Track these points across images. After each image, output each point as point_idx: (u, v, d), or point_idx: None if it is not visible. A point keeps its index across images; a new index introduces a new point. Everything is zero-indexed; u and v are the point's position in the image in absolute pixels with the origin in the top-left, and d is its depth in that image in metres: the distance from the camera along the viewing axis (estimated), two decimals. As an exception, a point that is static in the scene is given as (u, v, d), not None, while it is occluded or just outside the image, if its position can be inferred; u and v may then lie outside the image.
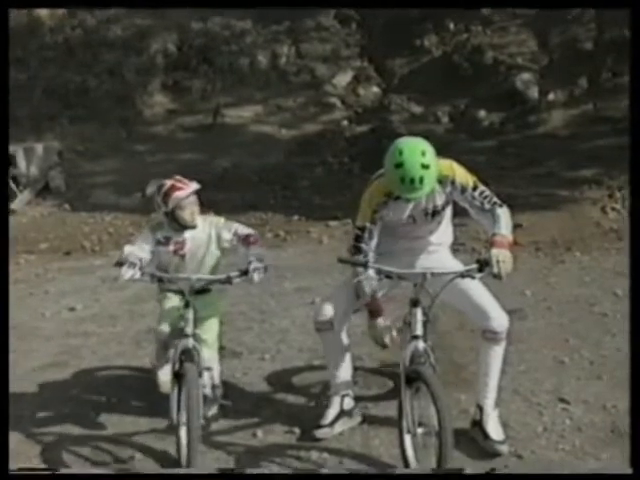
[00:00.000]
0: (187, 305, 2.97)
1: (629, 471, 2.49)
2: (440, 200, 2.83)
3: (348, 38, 10.33)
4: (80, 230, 7.84)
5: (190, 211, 3.09)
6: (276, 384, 3.67)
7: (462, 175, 2.80)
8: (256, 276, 2.94)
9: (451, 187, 2.79)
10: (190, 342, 2.93)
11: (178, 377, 2.89)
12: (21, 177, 8.87)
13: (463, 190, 2.79)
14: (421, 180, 2.59)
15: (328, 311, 2.99)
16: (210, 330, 3.21)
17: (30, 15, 10.67)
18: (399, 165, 2.60)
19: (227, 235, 3.14)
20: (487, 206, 2.80)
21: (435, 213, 2.87)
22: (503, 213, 2.81)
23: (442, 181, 2.77)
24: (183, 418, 2.84)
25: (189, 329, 2.95)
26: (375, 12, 10.09)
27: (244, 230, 3.16)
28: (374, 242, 2.86)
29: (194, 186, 3.08)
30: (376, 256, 2.89)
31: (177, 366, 2.90)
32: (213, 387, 3.15)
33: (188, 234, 3.13)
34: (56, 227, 8.02)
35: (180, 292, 3.04)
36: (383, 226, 2.88)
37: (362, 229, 2.84)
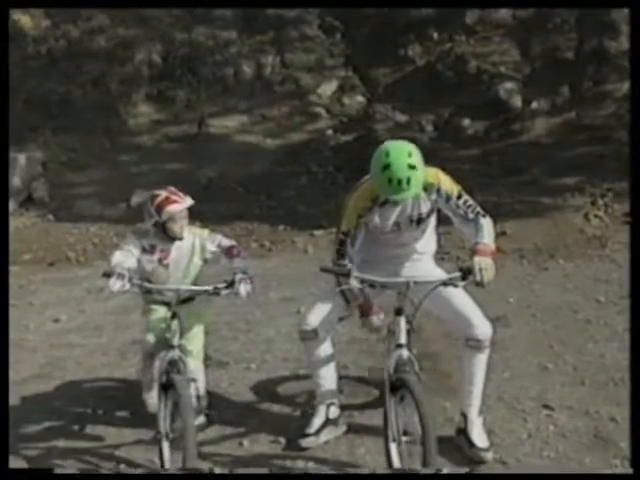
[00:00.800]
0: (173, 316, 2.97)
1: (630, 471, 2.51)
2: (425, 207, 2.84)
3: (332, 48, 10.39)
4: (64, 241, 7.78)
5: (181, 225, 3.11)
6: (262, 394, 3.67)
7: (447, 183, 2.82)
8: (242, 288, 2.95)
9: (436, 195, 2.81)
10: (176, 353, 2.93)
11: (165, 388, 2.88)
12: (4, 188, 8.78)
13: (448, 198, 2.81)
14: (408, 181, 2.60)
15: (312, 320, 2.98)
16: (195, 340, 3.21)
17: (13, 25, 10.59)
18: (386, 167, 2.61)
19: (211, 247, 3.16)
20: (471, 215, 2.82)
21: (420, 221, 2.88)
22: (486, 223, 2.83)
23: (427, 189, 2.78)
24: (168, 429, 2.83)
25: (175, 340, 2.95)
26: (359, 22, 10.18)
27: (227, 242, 3.18)
28: (357, 248, 2.87)
29: (189, 202, 3.09)
30: (360, 263, 2.90)
31: (164, 378, 2.89)
32: (198, 398, 3.14)
33: (173, 245, 3.16)
34: (40, 238, 7.95)
35: (166, 303, 3.04)
36: (367, 233, 2.89)
37: (346, 234, 2.85)
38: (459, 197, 2.81)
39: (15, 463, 3.09)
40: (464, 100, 9.06)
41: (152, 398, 3.15)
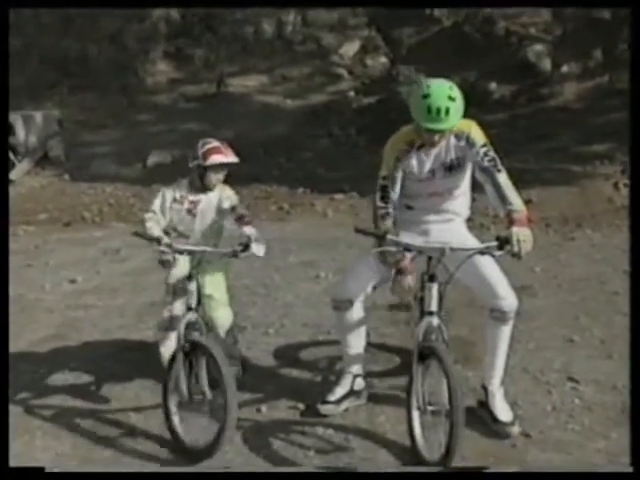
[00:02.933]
0: (190, 278, 2.95)
1: (630, 469, 2.43)
2: (456, 154, 2.82)
3: (355, 6, 10.09)
4: (80, 201, 7.76)
5: (217, 177, 3.19)
6: (280, 359, 3.63)
7: (477, 133, 2.80)
8: (257, 248, 2.93)
9: (465, 142, 2.79)
10: (195, 315, 2.92)
11: (187, 352, 2.84)
12: (20, 146, 8.75)
13: (472, 145, 2.78)
14: (447, 111, 2.61)
15: (347, 289, 2.94)
16: (219, 287, 3.26)
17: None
18: (427, 96, 2.63)
19: (226, 204, 3.19)
20: (486, 163, 2.76)
21: (452, 167, 2.84)
22: (505, 181, 2.74)
23: (459, 135, 2.77)
24: (185, 396, 2.81)
25: (193, 302, 2.93)
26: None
27: (241, 210, 3.20)
28: (397, 193, 2.84)
29: (234, 158, 3.17)
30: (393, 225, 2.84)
31: (183, 341, 2.85)
32: (235, 344, 3.29)
33: (204, 195, 3.21)
34: (55, 198, 7.94)
35: (190, 253, 3.02)
36: (404, 180, 2.85)
37: (386, 177, 2.83)
38: (483, 145, 2.77)
39: (30, 424, 3.08)
40: (491, 63, 8.79)
41: (167, 348, 3.16)
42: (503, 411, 2.86)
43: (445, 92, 2.64)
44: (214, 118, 8.95)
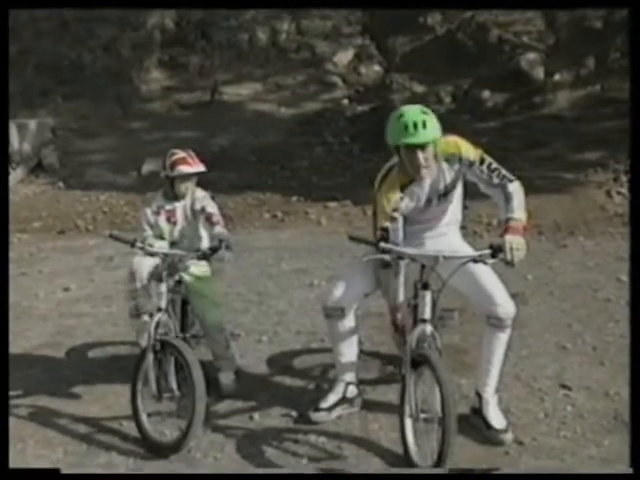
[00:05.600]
0: (161, 279, 3.02)
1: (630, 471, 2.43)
2: (450, 178, 2.80)
3: (349, 15, 10.14)
4: (74, 209, 7.75)
5: (186, 186, 3.30)
6: (273, 366, 3.62)
7: (468, 150, 2.77)
8: (224, 253, 3.01)
9: (459, 164, 2.77)
10: (165, 316, 2.99)
11: (157, 352, 2.90)
12: (14, 154, 8.74)
13: (471, 165, 2.76)
14: (424, 124, 2.62)
15: (338, 297, 2.93)
16: (209, 287, 3.31)
17: (24, -12, 10.39)
18: (401, 115, 2.65)
19: (197, 206, 3.29)
20: (496, 180, 2.75)
21: (447, 193, 2.84)
22: (515, 191, 2.73)
23: (449, 159, 2.76)
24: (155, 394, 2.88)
25: (163, 303, 3.00)
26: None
27: (210, 209, 3.27)
28: (401, 234, 2.82)
29: (200, 168, 3.28)
30: None
31: (153, 341, 2.91)
32: (227, 348, 3.33)
33: (178, 203, 3.34)
34: (50, 205, 7.92)
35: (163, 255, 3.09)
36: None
37: (385, 230, 2.77)
38: (482, 162, 2.75)
39: (24, 431, 3.07)
40: (484, 71, 8.83)
41: (139, 325, 3.31)
42: (496, 418, 2.86)
43: (418, 109, 2.69)
44: (208, 126, 8.96)
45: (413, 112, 2.65)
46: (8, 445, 2.64)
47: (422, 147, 2.65)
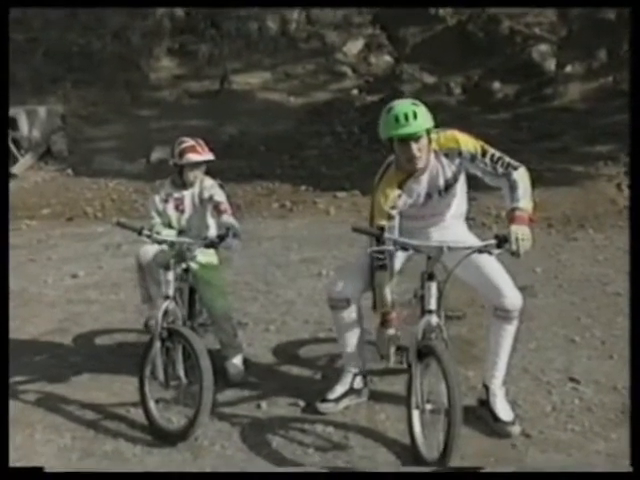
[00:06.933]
0: (168, 267, 3.01)
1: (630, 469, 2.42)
2: (450, 173, 2.77)
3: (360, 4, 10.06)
4: (83, 196, 7.77)
5: (195, 174, 3.30)
6: (281, 356, 3.63)
7: (467, 143, 2.72)
8: (232, 242, 3.01)
9: (459, 158, 2.73)
10: (172, 304, 2.98)
11: (169, 336, 2.91)
12: (23, 140, 8.75)
13: (473, 158, 2.71)
14: (415, 114, 2.60)
15: (344, 288, 2.91)
16: (220, 276, 3.36)
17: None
18: (391, 109, 2.64)
19: (206, 194, 3.28)
20: (500, 170, 2.70)
21: (448, 187, 2.81)
22: (520, 178, 2.69)
23: (449, 154, 2.72)
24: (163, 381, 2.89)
25: (170, 291, 3.00)
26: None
27: (218, 198, 3.26)
28: (397, 231, 2.79)
29: (209, 156, 3.29)
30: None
31: (160, 329, 2.91)
32: (235, 336, 3.34)
33: (186, 191, 3.34)
34: (58, 192, 7.94)
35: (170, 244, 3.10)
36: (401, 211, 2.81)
37: (382, 229, 2.74)
38: (484, 154, 2.70)
39: (31, 417, 3.08)
40: (495, 62, 8.76)
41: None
42: (504, 410, 2.84)
43: (408, 101, 2.69)
44: (217, 115, 8.95)
45: (403, 104, 2.64)
46: (8, 445, 2.63)
47: (415, 139, 2.62)
